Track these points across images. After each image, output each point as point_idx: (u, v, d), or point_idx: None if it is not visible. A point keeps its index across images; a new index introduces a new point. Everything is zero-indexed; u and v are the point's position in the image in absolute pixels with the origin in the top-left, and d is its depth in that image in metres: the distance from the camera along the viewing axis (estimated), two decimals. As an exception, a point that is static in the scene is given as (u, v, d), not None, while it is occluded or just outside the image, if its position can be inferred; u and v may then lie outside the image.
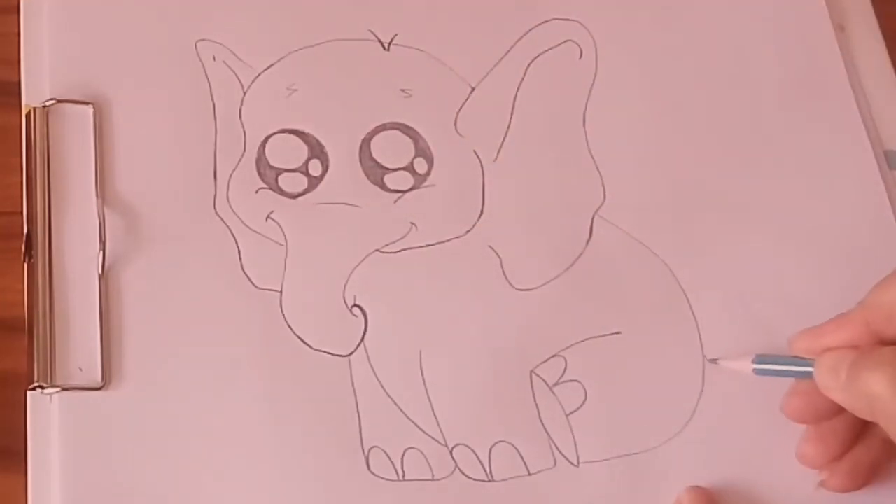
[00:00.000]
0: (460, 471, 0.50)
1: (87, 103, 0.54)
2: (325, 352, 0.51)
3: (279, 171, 0.54)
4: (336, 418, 0.50)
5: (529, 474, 0.50)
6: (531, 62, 0.57)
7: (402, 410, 0.51)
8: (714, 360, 0.52)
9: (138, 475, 0.48)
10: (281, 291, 0.52)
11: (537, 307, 0.53)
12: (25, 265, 0.51)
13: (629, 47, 0.59)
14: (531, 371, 0.52)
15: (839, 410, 0.48)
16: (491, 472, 0.50)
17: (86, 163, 0.53)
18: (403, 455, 0.50)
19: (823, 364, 0.47)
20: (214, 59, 0.56)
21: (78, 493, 0.48)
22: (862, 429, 0.49)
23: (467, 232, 0.54)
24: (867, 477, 0.50)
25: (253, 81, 0.56)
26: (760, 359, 0.50)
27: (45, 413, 0.49)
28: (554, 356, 0.52)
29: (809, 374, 0.48)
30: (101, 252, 0.51)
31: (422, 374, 0.51)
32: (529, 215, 0.55)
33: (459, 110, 0.56)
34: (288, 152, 0.54)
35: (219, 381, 0.50)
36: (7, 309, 0.51)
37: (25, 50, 0.55)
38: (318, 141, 0.55)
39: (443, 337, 0.52)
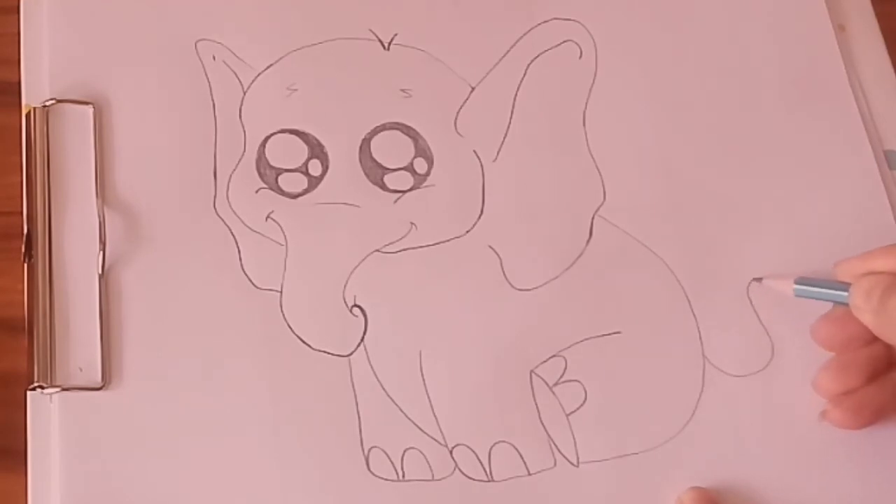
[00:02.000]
0: (460, 471, 0.50)
1: (87, 103, 0.54)
2: (325, 352, 0.51)
3: (279, 171, 0.54)
4: (336, 418, 0.50)
5: (529, 474, 0.50)
6: (531, 62, 0.57)
7: (402, 410, 0.51)
8: (758, 279, 0.53)
9: (138, 475, 0.48)
10: (281, 291, 0.52)
11: (537, 307, 0.53)
12: (25, 265, 0.51)
13: (629, 47, 0.59)
14: (531, 371, 0.52)
15: (867, 343, 0.48)
16: (491, 472, 0.50)
17: (86, 163, 0.53)
18: (403, 455, 0.50)
19: (860, 286, 0.47)
20: (214, 58, 0.56)
21: (78, 493, 0.48)
22: (883, 369, 0.49)
23: (467, 232, 0.54)
24: (870, 418, 0.50)
25: (253, 81, 0.56)
26: (802, 280, 0.51)
27: (45, 413, 0.49)
28: (554, 356, 0.52)
29: (846, 300, 0.48)
30: (101, 252, 0.51)
31: (422, 374, 0.51)
32: (529, 215, 0.55)
33: (459, 110, 0.56)
34: (288, 152, 0.54)
35: (219, 381, 0.50)
36: (7, 309, 0.51)
37: (25, 50, 0.55)
38: (318, 141, 0.55)
39: (443, 337, 0.52)
